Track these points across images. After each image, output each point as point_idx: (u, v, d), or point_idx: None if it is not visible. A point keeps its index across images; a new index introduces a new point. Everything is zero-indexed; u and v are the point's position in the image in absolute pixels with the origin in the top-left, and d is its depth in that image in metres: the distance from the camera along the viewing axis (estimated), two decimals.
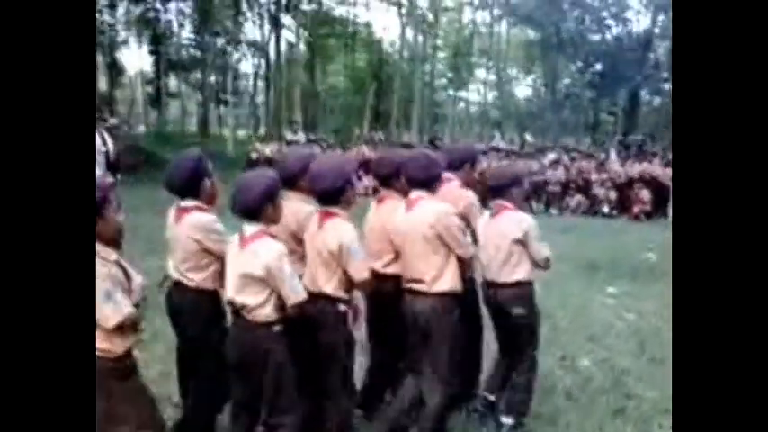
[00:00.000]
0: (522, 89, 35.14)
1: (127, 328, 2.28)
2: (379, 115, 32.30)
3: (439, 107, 36.40)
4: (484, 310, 3.56)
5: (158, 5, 31.96)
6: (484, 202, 3.49)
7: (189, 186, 2.87)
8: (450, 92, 36.39)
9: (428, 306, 2.97)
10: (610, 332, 5.20)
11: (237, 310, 2.67)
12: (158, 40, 32.00)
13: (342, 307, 2.85)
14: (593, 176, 14.46)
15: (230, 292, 2.67)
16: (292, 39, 33.88)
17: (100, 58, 32.65)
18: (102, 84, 33.32)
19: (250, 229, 2.63)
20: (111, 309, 2.21)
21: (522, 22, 28.82)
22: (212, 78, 33.82)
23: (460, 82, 34.91)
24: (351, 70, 34.73)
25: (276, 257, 2.56)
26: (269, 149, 17.38)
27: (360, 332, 3.19)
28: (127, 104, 35.97)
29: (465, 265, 3.14)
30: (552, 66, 28.78)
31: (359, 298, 3.10)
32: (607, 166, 14.95)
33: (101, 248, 2.22)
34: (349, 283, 2.85)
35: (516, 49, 33.89)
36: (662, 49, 26.47)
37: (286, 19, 31.73)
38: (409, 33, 31.68)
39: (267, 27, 31.01)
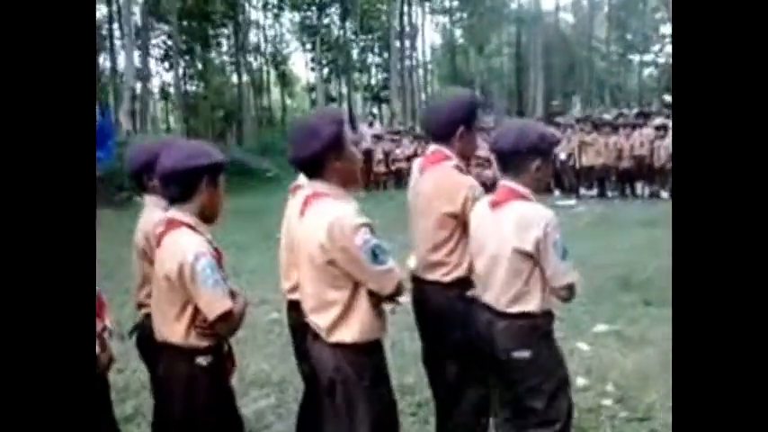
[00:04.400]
0: None
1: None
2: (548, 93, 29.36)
3: (614, 76, 31.86)
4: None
5: (316, 11, 33.14)
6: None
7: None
8: (635, 56, 31.67)
9: (330, 358, 1.98)
10: None
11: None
12: (320, 46, 33.07)
13: (202, 361, 1.99)
14: None
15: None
16: (446, 23, 32.71)
17: (273, 73, 35.07)
18: (276, 95, 35.83)
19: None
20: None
21: None
22: (371, 78, 34.20)
23: (639, 43, 30.12)
24: (511, 47, 32.24)
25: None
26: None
27: None
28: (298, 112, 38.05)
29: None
30: None
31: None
32: None
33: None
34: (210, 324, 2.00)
35: None
36: None
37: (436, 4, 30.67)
38: None
39: (420, 16, 30.18)
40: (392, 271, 1.92)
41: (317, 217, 1.92)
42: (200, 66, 30.62)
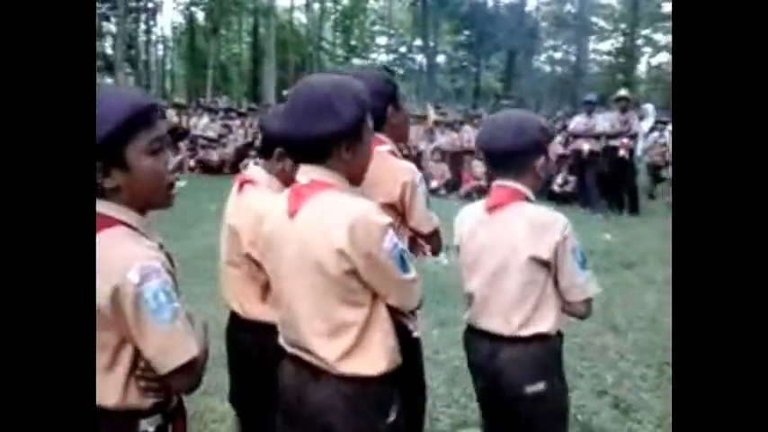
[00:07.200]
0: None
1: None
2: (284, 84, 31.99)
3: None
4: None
5: None
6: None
7: None
8: (357, 60, 36.22)
9: (340, 398, 1.52)
10: None
11: None
12: None
13: (147, 427, 1.44)
14: (422, 146, 12.78)
15: None
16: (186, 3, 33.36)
17: None
18: None
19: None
20: None
21: None
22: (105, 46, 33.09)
23: (360, 49, 34.80)
24: (252, 36, 34.23)
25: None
26: None
27: None
28: None
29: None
30: (424, 26, 28.81)
31: None
32: (436, 133, 13.15)
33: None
34: None
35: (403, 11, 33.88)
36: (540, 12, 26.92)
37: None
38: None
39: None
40: (418, 281, 1.59)
41: (327, 215, 1.46)
42: None
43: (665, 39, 29.79)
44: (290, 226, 1.51)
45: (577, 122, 10.55)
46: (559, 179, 11.44)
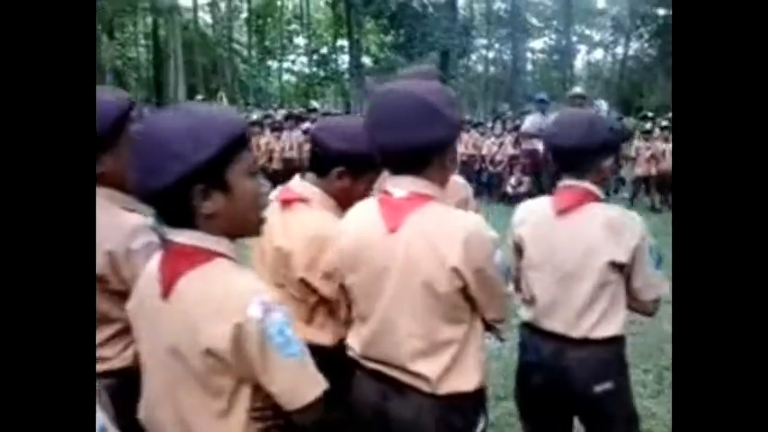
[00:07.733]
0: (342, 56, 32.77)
1: None
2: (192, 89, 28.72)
3: (255, 79, 33.24)
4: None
5: None
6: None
7: None
8: (272, 63, 33.51)
9: (432, 417, 1.47)
10: None
11: None
12: None
13: None
14: None
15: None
16: None
17: None
18: None
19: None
20: None
21: None
22: None
23: (277, 50, 32.09)
24: (151, 39, 30.58)
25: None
26: None
27: None
28: None
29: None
30: (348, 25, 26.82)
31: None
32: None
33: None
34: None
35: (324, 11, 31.63)
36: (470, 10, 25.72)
37: None
38: None
39: None
40: (508, 293, 1.64)
41: (436, 231, 1.39)
42: None
43: (598, 35, 29.61)
44: (389, 242, 1.43)
45: (531, 122, 9.79)
46: (513, 180, 11.19)
